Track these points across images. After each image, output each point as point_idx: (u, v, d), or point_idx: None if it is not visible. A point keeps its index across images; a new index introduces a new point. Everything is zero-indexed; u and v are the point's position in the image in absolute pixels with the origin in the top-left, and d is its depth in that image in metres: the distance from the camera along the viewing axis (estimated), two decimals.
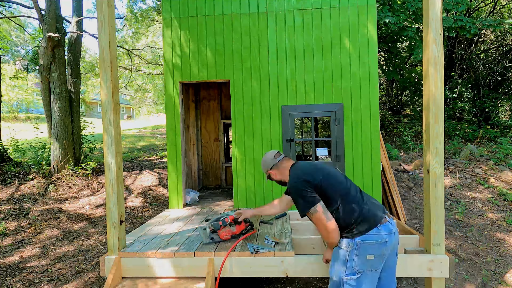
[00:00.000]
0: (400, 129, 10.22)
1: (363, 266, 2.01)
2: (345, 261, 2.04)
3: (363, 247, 2.00)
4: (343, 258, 2.06)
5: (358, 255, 2.00)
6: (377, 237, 2.00)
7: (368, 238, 1.99)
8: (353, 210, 2.05)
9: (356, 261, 2.01)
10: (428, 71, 2.54)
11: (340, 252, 2.08)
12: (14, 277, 3.78)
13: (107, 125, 2.65)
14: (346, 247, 2.04)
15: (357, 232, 2.01)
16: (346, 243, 2.05)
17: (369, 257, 2.00)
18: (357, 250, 2.00)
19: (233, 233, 2.88)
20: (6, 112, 20.60)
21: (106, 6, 2.62)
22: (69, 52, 7.62)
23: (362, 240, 2.00)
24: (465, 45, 11.35)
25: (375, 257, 2.00)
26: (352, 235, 2.03)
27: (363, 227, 2.01)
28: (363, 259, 2.00)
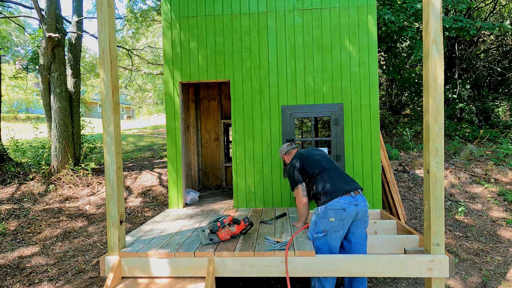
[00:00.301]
0: (400, 129, 10.22)
1: (327, 226, 2.66)
2: (315, 222, 2.76)
3: (326, 211, 2.67)
4: (313, 220, 2.79)
5: (323, 217, 2.68)
6: (336, 205, 2.65)
7: (329, 205, 2.66)
8: (323, 185, 2.80)
9: (322, 222, 2.69)
10: (428, 71, 2.54)
11: (313, 216, 2.82)
12: (14, 277, 3.78)
13: (107, 125, 2.65)
14: (316, 212, 2.77)
15: (322, 201, 2.73)
16: (316, 210, 2.78)
17: (331, 219, 2.65)
18: (322, 213, 2.69)
19: (233, 233, 2.89)
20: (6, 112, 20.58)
21: (106, 6, 2.62)
22: (69, 52, 7.62)
23: (325, 207, 2.68)
24: (465, 45, 11.35)
25: (335, 220, 2.64)
26: (320, 204, 2.75)
27: (326, 198, 2.71)
28: (327, 221, 2.66)
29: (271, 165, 4.42)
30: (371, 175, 4.29)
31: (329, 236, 2.67)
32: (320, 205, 2.74)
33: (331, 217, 2.64)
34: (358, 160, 4.31)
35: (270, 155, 4.42)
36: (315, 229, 2.74)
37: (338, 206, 2.64)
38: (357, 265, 2.50)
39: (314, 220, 2.78)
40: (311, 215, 4.05)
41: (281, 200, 4.39)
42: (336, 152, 4.34)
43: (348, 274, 2.54)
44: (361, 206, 2.69)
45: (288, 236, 2.99)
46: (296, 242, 2.80)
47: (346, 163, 4.32)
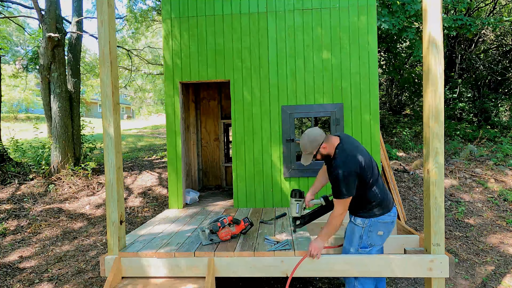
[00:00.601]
0: (400, 129, 10.22)
1: (374, 240, 2.44)
2: (360, 236, 2.45)
3: (376, 225, 2.40)
4: (358, 233, 2.45)
5: (371, 231, 2.41)
6: (387, 218, 2.41)
7: (381, 218, 2.39)
8: (376, 195, 2.40)
9: (369, 235, 2.43)
10: (428, 71, 2.54)
11: (356, 229, 2.47)
12: (14, 277, 3.78)
13: (107, 125, 2.65)
14: (361, 224, 2.43)
15: (373, 214, 2.39)
16: (361, 221, 2.42)
17: (379, 233, 2.42)
18: (371, 227, 2.40)
19: (233, 233, 2.89)
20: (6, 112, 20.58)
21: (106, 6, 2.62)
22: (69, 52, 7.62)
23: (377, 220, 2.39)
24: (465, 45, 11.35)
25: (384, 233, 2.43)
26: (369, 216, 2.40)
27: (379, 211, 2.39)
28: (375, 234, 2.42)
29: (271, 165, 4.42)
30: None
31: (373, 250, 2.48)
32: (367, 216, 2.41)
33: (380, 231, 2.42)
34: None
35: (270, 155, 4.41)
36: (360, 243, 2.47)
37: (389, 220, 2.43)
38: (357, 265, 2.50)
39: (358, 233, 2.46)
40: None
41: (281, 200, 4.39)
42: None
43: (347, 274, 2.54)
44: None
45: (288, 236, 2.99)
46: (296, 242, 2.80)
47: None
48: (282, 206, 4.38)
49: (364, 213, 2.42)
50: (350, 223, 2.55)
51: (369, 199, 2.39)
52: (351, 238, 2.51)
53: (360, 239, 2.46)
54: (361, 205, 2.43)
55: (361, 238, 2.45)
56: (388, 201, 2.45)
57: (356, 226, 2.47)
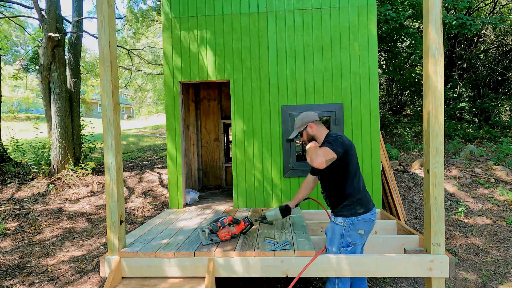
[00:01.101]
0: (400, 129, 10.22)
1: (355, 239, 2.47)
2: (341, 235, 2.49)
3: (357, 223, 2.44)
4: (339, 232, 2.50)
5: (352, 229, 2.45)
6: (368, 216, 2.46)
7: (362, 217, 2.45)
8: (359, 189, 2.48)
9: (350, 234, 2.46)
10: (428, 71, 2.54)
11: (336, 227, 2.51)
12: (14, 277, 3.78)
13: (107, 125, 2.65)
14: (342, 223, 2.48)
15: (353, 212, 2.44)
16: (342, 220, 2.48)
17: (360, 231, 2.46)
18: (352, 225, 2.45)
19: (233, 233, 2.89)
20: (6, 112, 20.59)
21: (106, 6, 2.62)
22: (69, 52, 7.62)
23: (357, 218, 2.44)
24: (465, 45, 11.35)
25: (364, 232, 2.47)
26: (350, 214, 2.45)
27: (360, 210, 2.45)
28: (355, 233, 2.46)
29: (271, 165, 4.42)
30: (371, 175, 4.29)
31: (355, 249, 2.51)
32: (348, 215, 2.46)
33: (361, 229, 2.45)
34: (358, 160, 4.30)
35: (270, 155, 4.42)
36: (342, 242, 2.50)
37: (369, 218, 2.48)
38: (357, 265, 2.50)
39: (338, 232, 2.50)
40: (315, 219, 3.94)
41: (281, 200, 4.39)
42: None
43: (347, 274, 2.54)
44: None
45: (288, 236, 2.99)
46: (296, 242, 2.80)
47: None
48: None
49: (345, 211, 2.47)
50: (330, 223, 2.59)
51: (351, 192, 2.46)
52: (332, 238, 2.54)
53: (341, 238, 2.49)
54: (342, 199, 2.48)
55: (342, 237, 2.49)
56: (368, 200, 2.52)
57: (336, 225, 2.51)
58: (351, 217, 2.45)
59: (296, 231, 3.13)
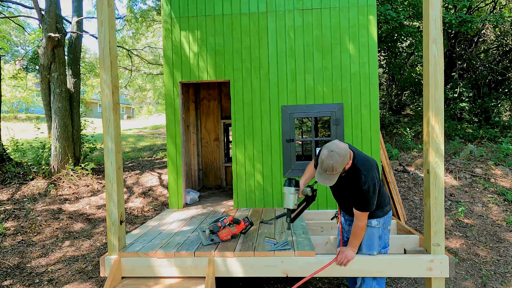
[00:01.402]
0: (400, 129, 10.22)
1: (388, 236, 2.50)
2: (379, 237, 2.44)
3: (388, 220, 2.46)
4: (377, 234, 2.43)
5: (385, 228, 2.45)
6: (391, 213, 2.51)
7: (390, 213, 2.48)
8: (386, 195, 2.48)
9: (386, 233, 2.47)
10: (428, 71, 2.54)
11: (374, 231, 2.43)
12: (14, 277, 3.78)
13: (107, 125, 2.65)
14: (378, 225, 2.41)
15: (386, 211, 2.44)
16: (377, 222, 2.41)
17: (389, 227, 2.48)
18: (385, 224, 2.44)
19: (233, 233, 2.89)
20: (6, 112, 20.58)
21: (106, 6, 2.62)
22: (69, 52, 7.62)
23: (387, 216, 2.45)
24: (465, 45, 11.35)
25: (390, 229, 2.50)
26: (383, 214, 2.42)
27: (388, 208, 2.47)
28: (388, 231, 2.47)
29: (271, 165, 4.42)
30: None
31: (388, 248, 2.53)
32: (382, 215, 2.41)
33: (389, 225, 2.48)
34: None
35: (270, 155, 4.42)
36: (380, 243, 2.46)
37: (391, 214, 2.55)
38: (356, 264, 2.50)
39: (377, 235, 2.43)
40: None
41: (281, 200, 4.39)
42: None
43: (347, 274, 2.54)
44: None
45: (288, 236, 2.99)
46: (296, 242, 2.80)
47: None
48: (282, 206, 4.38)
49: (379, 212, 2.40)
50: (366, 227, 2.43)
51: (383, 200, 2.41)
52: (371, 242, 2.44)
53: (379, 239, 2.44)
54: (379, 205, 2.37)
55: (380, 239, 2.44)
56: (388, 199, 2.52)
57: (373, 228, 2.41)
58: (384, 216, 2.42)
59: (296, 231, 3.13)
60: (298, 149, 9.10)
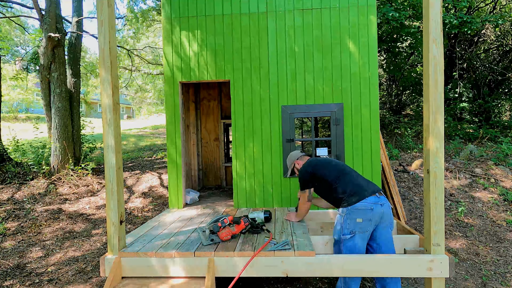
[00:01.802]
0: (401, 129, 10.22)
1: (354, 227, 2.65)
2: (341, 223, 2.72)
3: (353, 212, 2.65)
4: (340, 221, 2.75)
5: (350, 218, 2.66)
6: (363, 205, 2.64)
7: (356, 206, 2.65)
8: (347, 187, 2.77)
9: (349, 223, 2.67)
10: (428, 71, 2.54)
11: (338, 217, 2.79)
12: (14, 277, 3.78)
13: (107, 125, 2.65)
14: (341, 213, 2.74)
15: (348, 203, 2.69)
16: (342, 211, 2.74)
17: (358, 220, 2.63)
18: (349, 214, 2.67)
19: (233, 233, 2.89)
20: (6, 112, 20.58)
21: (106, 6, 2.62)
22: (69, 52, 7.62)
23: (352, 207, 2.66)
24: (465, 45, 11.35)
25: (363, 220, 2.63)
26: (345, 205, 2.71)
27: (353, 199, 2.68)
28: (353, 221, 2.65)
29: (271, 165, 4.42)
30: (371, 175, 4.29)
31: (356, 237, 2.65)
32: (345, 206, 2.71)
33: (358, 218, 2.63)
34: (358, 160, 4.31)
35: (270, 155, 4.42)
36: (342, 230, 2.71)
37: (365, 207, 2.63)
38: (356, 264, 2.50)
39: (339, 221, 2.75)
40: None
41: (281, 200, 4.39)
42: (336, 152, 4.34)
43: (346, 274, 2.54)
44: (386, 207, 2.71)
45: (288, 236, 2.99)
46: (296, 242, 2.80)
47: (346, 163, 4.32)
48: (282, 206, 4.39)
49: (342, 203, 2.76)
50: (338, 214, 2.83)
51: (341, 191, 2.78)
52: (336, 227, 2.80)
53: (340, 226, 2.72)
54: (338, 199, 2.81)
55: (341, 225, 2.72)
56: (364, 190, 2.72)
57: (339, 215, 2.78)
58: (348, 206, 2.68)
59: (296, 231, 3.13)
60: (298, 149, 9.09)
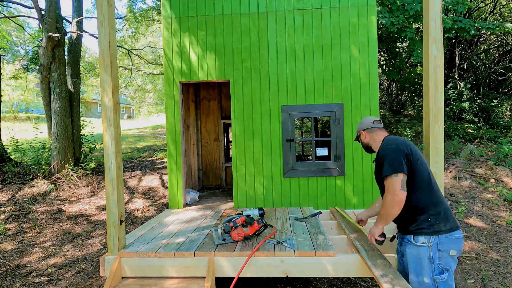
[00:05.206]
0: (400, 129, 10.22)
1: (448, 263, 1.98)
2: (430, 258, 1.99)
3: (447, 242, 1.97)
4: (425, 255, 2.00)
5: (442, 250, 1.97)
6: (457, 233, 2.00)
7: (451, 234, 1.98)
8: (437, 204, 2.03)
9: (441, 258, 1.97)
10: (428, 71, 2.54)
11: (421, 251, 2.01)
12: (14, 277, 3.78)
13: (107, 125, 2.65)
14: (426, 243, 2.00)
15: (439, 229, 1.98)
16: (428, 239, 1.99)
17: (452, 253, 1.98)
18: (441, 245, 1.97)
19: (246, 234, 2.85)
20: (6, 112, 20.59)
21: (106, 6, 2.62)
22: (69, 52, 7.62)
23: (446, 236, 1.97)
24: (465, 45, 11.35)
25: (457, 253, 1.99)
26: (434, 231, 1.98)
27: (445, 226, 1.99)
28: (447, 255, 1.97)
29: (271, 165, 4.42)
30: (371, 175, 4.29)
31: (450, 276, 2.00)
32: (432, 233, 1.99)
33: (453, 250, 1.97)
34: (358, 160, 4.31)
35: (270, 155, 4.42)
36: (433, 269, 1.98)
37: (459, 235, 2.00)
38: (356, 264, 2.50)
39: (424, 255, 2.00)
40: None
41: (281, 200, 4.39)
42: (336, 152, 4.34)
43: (346, 274, 2.54)
44: None
45: (288, 236, 2.99)
46: (296, 242, 2.80)
47: (346, 163, 4.32)
48: (282, 206, 4.39)
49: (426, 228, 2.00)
50: (410, 245, 2.07)
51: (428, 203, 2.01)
52: (418, 266, 2.02)
53: (430, 262, 1.98)
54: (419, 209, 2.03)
55: (431, 262, 1.98)
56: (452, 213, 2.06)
57: (419, 247, 2.01)
58: (436, 235, 1.98)
59: (296, 231, 3.13)
60: (298, 149, 9.10)
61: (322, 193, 4.34)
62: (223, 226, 2.80)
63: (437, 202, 2.03)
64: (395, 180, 1.99)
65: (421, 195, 2.04)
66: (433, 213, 2.01)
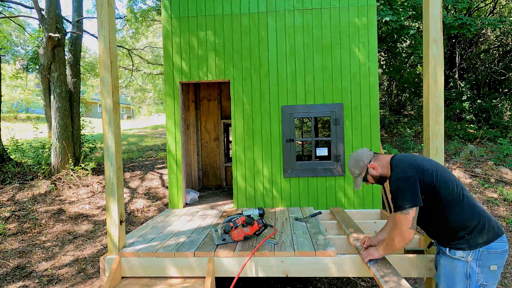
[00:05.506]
0: (400, 129, 10.22)
1: (487, 278, 1.82)
2: (467, 274, 1.84)
3: (486, 256, 1.82)
4: (462, 270, 1.86)
5: (481, 266, 1.82)
6: (499, 245, 1.83)
7: (490, 247, 1.82)
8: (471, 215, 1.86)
9: (478, 273, 1.82)
10: (428, 71, 2.54)
11: (458, 264, 1.87)
12: (14, 277, 3.78)
13: (107, 125, 2.65)
14: (464, 258, 1.85)
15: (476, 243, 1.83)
16: (464, 254, 1.86)
17: (493, 268, 1.82)
18: (479, 260, 1.83)
19: (246, 234, 2.86)
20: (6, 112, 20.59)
21: (106, 6, 2.62)
22: (69, 52, 7.62)
23: (485, 249, 1.82)
24: (465, 45, 11.35)
25: (497, 268, 1.83)
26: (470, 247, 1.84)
27: (483, 239, 1.83)
28: (487, 270, 1.82)
29: (271, 165, 4.42)
30: None
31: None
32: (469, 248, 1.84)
33: (493, 265, 1.82)
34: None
35: (270, 155, 4.42)
36: (469, 285, 1.85)
37: (501, 248, 1.83)
38: (356, 264, 2.50)
39: (461, 271, 1.87)
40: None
41: (281, 200, 4.39)
42: (336, 152, 4.34)
43: (346, 274, 2.54)
44: None
45: (288, 236, 2.99)
46: (296, 242, 2.80)
47: (346, 163, 4.32)
48: (282, 206, 4.39)
49: (463, 244, 1.86)
50: (445, 257, 1.95)
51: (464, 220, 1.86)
52: (451, 279, 1.90)
53: (467, 279, 1.84)
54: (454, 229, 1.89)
55: (468, 278, 1.84)
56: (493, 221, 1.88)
57: (456, 260, 1.89)
58: (475, 249, 1.83)
59: (296, 231, 3.13)
60: (298, 149, 9.10)
61: (322, 193, 4.34)
62: (223, 226, 2.80)
63: (471, 217, 1.86)
64: (404, 219, 1.87)
65: (452, 215, 1.89)
66: (469, 229, 1.86)
